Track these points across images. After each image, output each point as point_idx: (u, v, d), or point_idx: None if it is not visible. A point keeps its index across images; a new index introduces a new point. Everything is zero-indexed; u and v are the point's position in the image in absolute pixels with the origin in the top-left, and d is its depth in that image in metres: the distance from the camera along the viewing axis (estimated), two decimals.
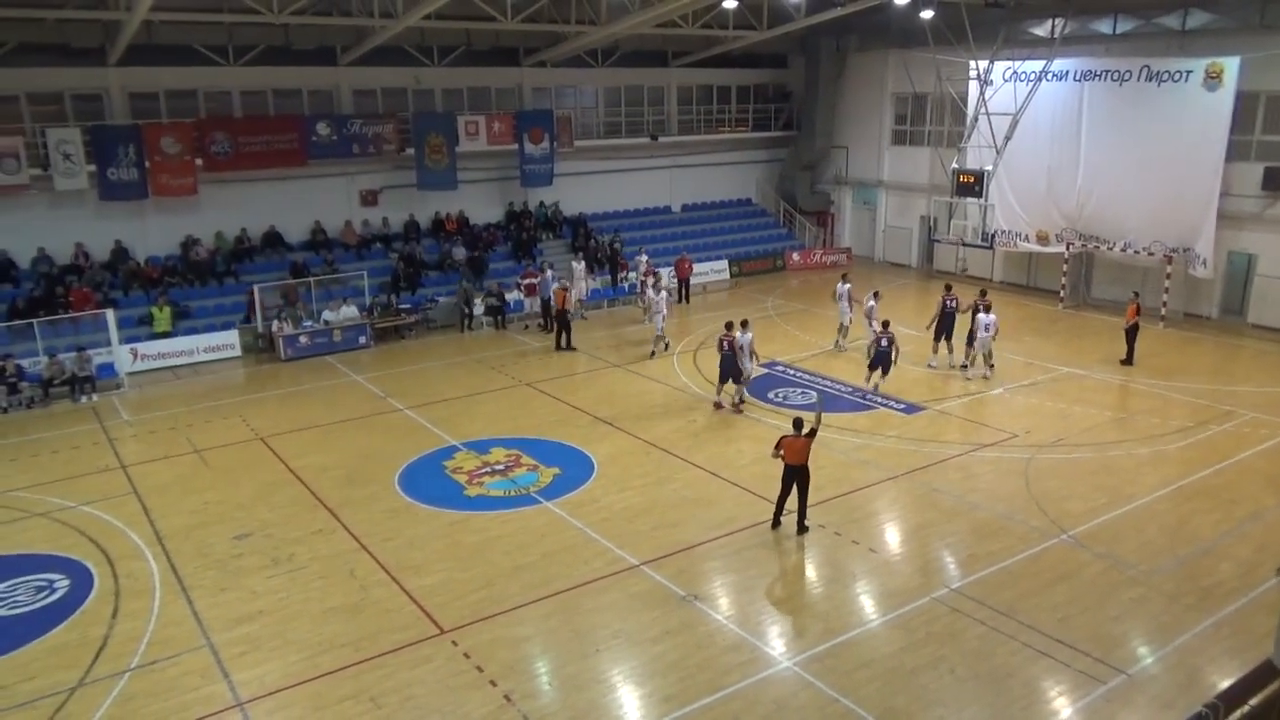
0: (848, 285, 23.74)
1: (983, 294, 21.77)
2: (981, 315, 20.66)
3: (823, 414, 14.26)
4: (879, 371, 19.92)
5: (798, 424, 13.39)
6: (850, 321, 23.61)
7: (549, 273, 26.28)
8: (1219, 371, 21.78)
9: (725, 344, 18.71)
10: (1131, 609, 11.65)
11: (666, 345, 23.72)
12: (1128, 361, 21.75)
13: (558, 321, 24.43)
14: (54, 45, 23.54)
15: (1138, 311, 21.62)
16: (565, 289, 24.53)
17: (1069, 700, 9.94)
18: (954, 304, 21.53)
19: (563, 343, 24.21)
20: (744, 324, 19.19)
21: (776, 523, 13.75)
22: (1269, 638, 9.02)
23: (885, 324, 20.14)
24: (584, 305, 27.97)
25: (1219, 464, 16.15)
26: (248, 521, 14.47)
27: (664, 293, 24.22)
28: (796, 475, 13.49)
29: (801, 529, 13.65)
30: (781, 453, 13.41)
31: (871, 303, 22.60)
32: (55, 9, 22.02)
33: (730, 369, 18.88)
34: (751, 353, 19.22)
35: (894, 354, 19.72)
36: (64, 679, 10.55)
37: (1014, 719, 9.63)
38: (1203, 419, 18.36)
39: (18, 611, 12.03)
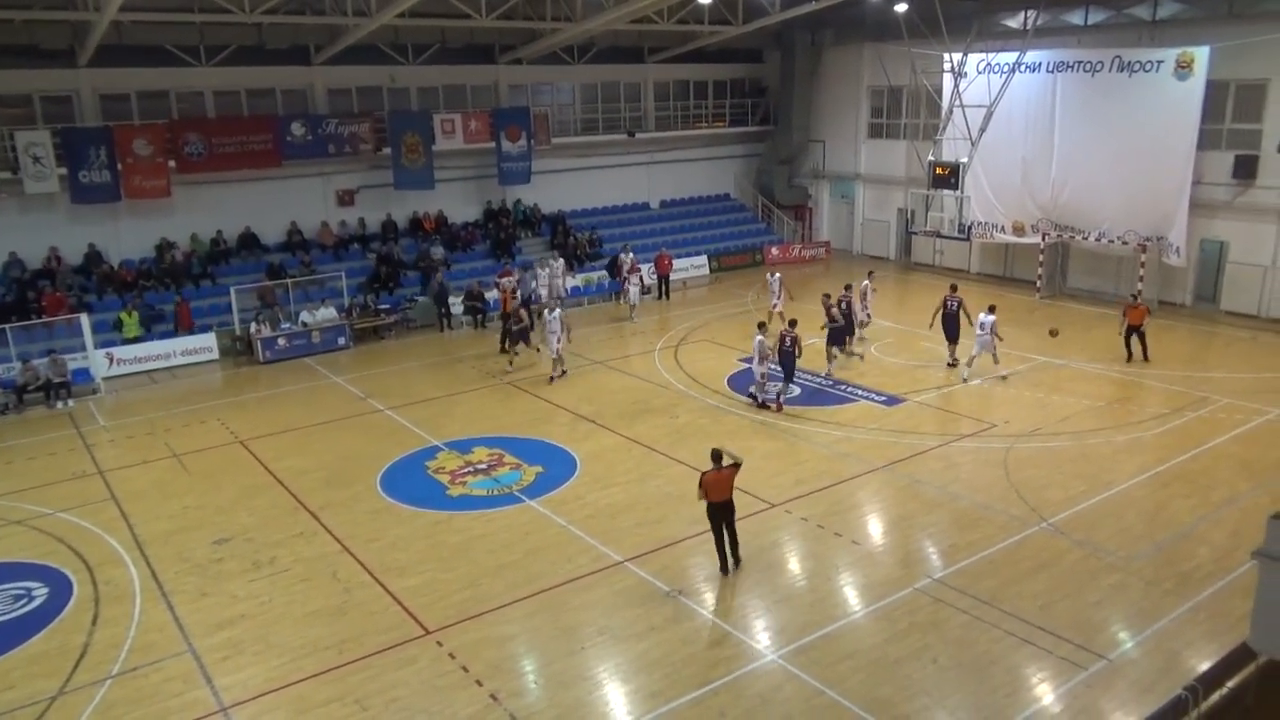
0: (778, 277, 24.65)
1: (953, 288, 21.51)
2: (983, 316, 20.08)
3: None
4: (835, 347, 20.87)
5: (716, 456, 12.18)
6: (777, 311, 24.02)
7: (544, 271, 26.22)
8: (1193, 359, 22.03)
9: (789, 340, 18.70)
10: (1111, 595, 11.78)
11: (564, 371, 21.47)
12: (1144, 357, 21.31)
13: (504, 323, 23.59)
14: (22, 46, 23.25)
15: (1147, 312, 21.53)
16: (507, 290, 23.97)
17: (1051, 686, 10.04)
18: (843, 305, 21.27)
19: (507, 345, 23.13)
20: (761, 326, 19.12)
21: (725, 568, 12.41)
22: (1245, 620, 9.10)
23: (845, 294, 21.53)
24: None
25: (1195, 450, 16.35)
26: (228, 526, 14.36)
27: (559, 310, 21.68)
28: (723, 512, 12.27)
29: (729, 568, 12.42)
30: (703, 492, 12.08)
31: (866, 282, 23.12)
32: (23, 9, 21.70)
33: (790, 367, 19.06)
34: (762, 356, 18.61)
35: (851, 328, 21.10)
36: (44, 688, 10.44)
37: (997, 706, 9.72)
38: (1178, 405, 18.57)
39: None
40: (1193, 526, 13.57)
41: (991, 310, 20.17)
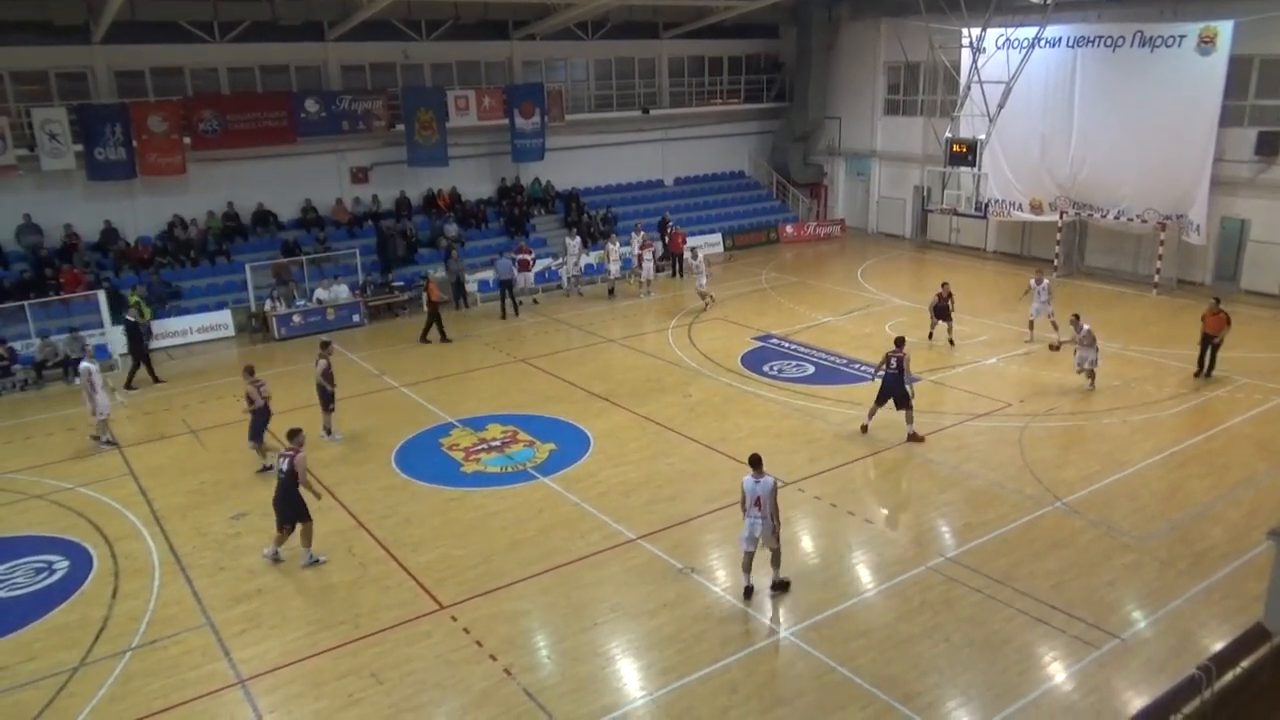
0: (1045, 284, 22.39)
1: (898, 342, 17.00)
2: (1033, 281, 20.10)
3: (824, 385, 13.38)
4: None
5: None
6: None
7: (573, 242, 27.34)
8: None
9: (893, 362, 15.77)
10: (1124, 574, 11.75)
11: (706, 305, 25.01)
12: (1205, 374, 18.68)
13: (428, 313, 23.03)
14: (36, 23, 23.24)
15: (1227, 321, 18.38)
16: (431, 279, 23.42)
17: (1063, 665, 10.04)
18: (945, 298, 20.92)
19: (430, 335, 22.89)
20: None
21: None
22: (1260, 601, 9.08)
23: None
24: (580, 281, 27.88)
25: (1211, 430, 16.24)
26: (244, 500, 14.48)
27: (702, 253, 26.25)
28: None
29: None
30: None
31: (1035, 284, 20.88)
32: None
33: (895, 391, 15.89)
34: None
35: None
36: (65, 659, 10.61)
37: (1009, 685, 9.74)
38: (1195, 386, 18.42)
39: (17, 593, 12.07)
40: (1208, 507, 13.49)
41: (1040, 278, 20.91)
